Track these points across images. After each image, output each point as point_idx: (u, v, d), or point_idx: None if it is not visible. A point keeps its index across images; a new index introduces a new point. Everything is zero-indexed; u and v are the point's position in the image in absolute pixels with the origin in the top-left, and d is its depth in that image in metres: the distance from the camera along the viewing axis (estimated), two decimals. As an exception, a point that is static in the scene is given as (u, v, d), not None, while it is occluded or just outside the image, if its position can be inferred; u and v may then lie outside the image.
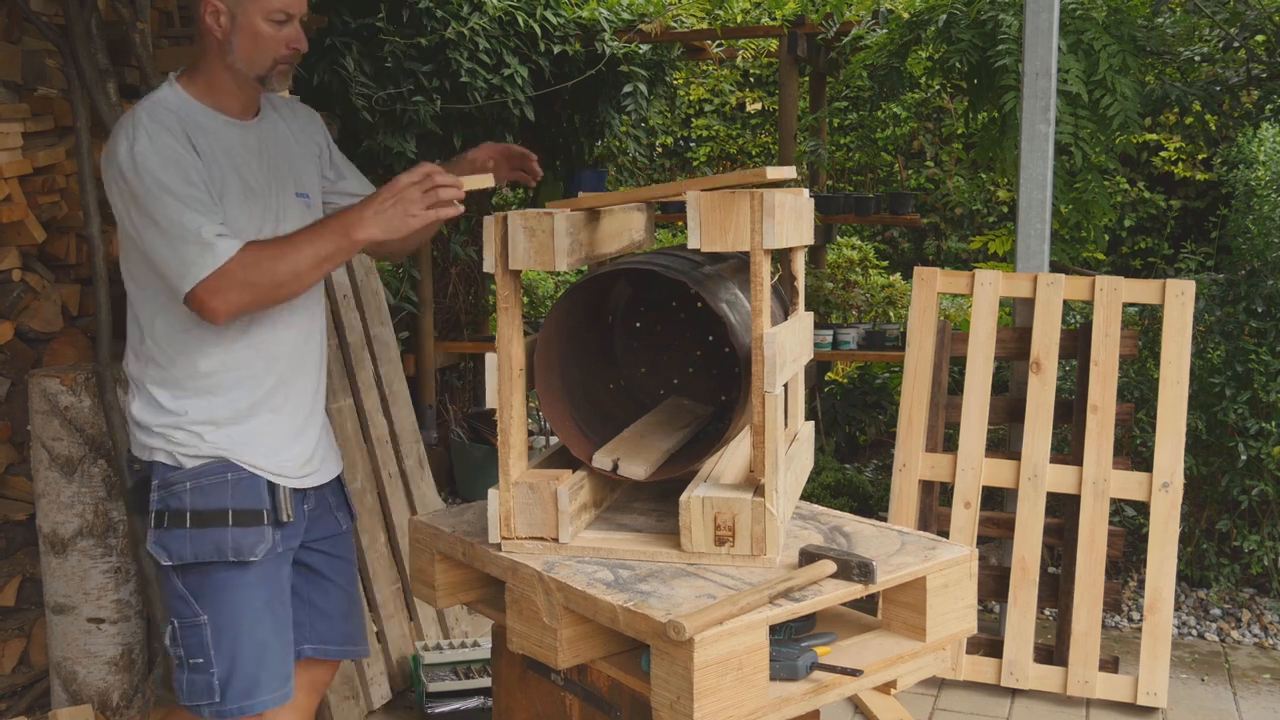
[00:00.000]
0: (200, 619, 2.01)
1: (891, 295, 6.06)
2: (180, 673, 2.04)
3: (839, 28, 4.95)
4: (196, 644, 2.01)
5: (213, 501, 2.02)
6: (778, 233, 1.73)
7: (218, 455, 2.03)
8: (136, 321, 2.05)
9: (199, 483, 2.02)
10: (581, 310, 2.07)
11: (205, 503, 2.01)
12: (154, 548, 2.01)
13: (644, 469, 1.89)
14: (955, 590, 1.84)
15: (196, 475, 2.02)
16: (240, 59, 2.01)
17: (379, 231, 1.91)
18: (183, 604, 2.02)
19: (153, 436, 2.03)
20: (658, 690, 1.61)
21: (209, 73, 2.05)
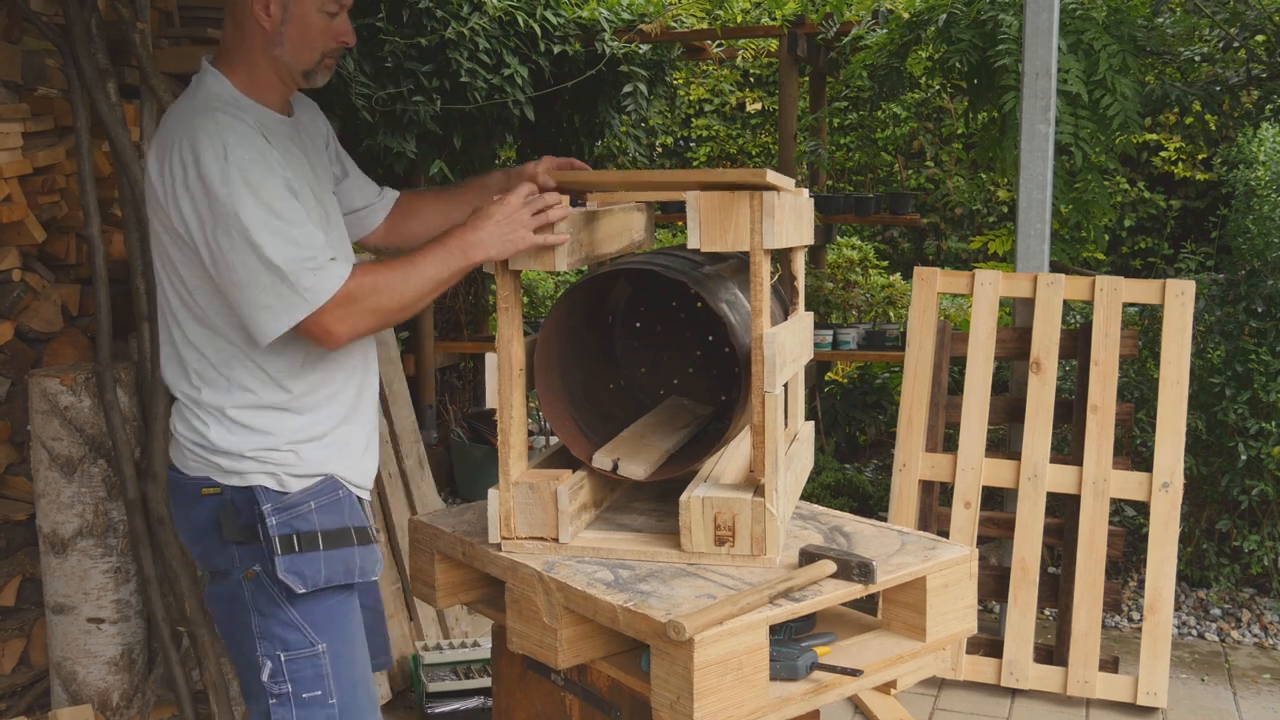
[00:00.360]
0: (317, 648, 1.85)
1: (891, 295, 6.06)
2: (284, 709, 1.85)
3: (839, 28, 4.95)
4: (313, 676, 1.85)
5: (337, 520, 1.89)
6: (777, 233, 1.73)
7: (324, 473, 1.90)
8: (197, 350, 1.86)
9: (320, 501, 1.88)
10: (581, 310, 2.07)
11: (331, 522, 1.88)
12: (288, 575, 1.82)
13: (644, 469, 1.89)
14: (955, 590, 1.84)
15: (314, 495, 1.88)
16: (289, 52, 1.87)
17: (496, 252, 1.80)
18: (295, 634, 1.85)
19: (243, 461, 1.85)
20: (658, 690, 1.61)
21: (251, 66, 1.88)
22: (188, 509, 1.90)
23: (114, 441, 2.84)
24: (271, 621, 1.84)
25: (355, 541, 1.89)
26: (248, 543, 1.84)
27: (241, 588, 1.85)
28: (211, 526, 1.87)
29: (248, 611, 1.85)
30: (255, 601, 1.85)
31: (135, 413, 2.93)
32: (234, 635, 1.89)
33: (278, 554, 1.82)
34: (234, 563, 1.86)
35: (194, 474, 1.88)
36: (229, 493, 1.85)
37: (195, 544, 1.92)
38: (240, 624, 1.86)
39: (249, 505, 1.85)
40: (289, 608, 1.84)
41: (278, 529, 1.83)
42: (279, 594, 1.84)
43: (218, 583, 1.90)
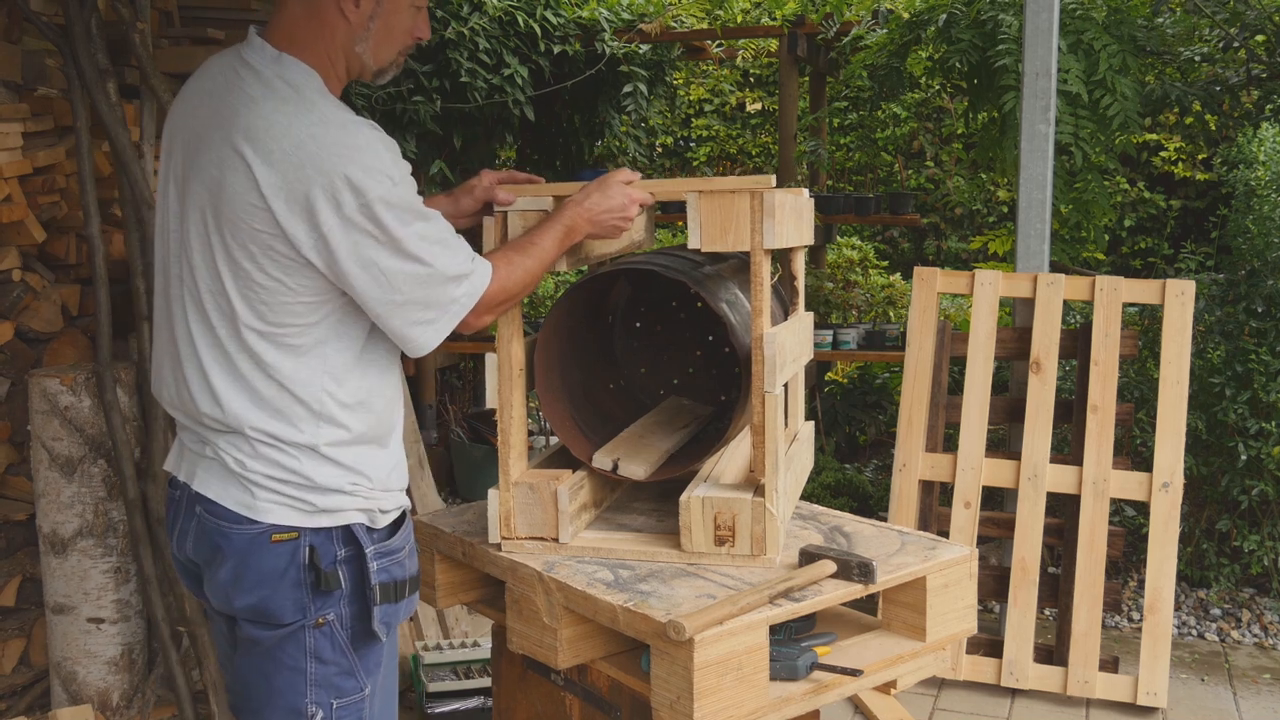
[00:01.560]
0: (365, 692, 1.75)
1: (891, 295, 6.06)
2: None
3: (839, 28, 4.95)
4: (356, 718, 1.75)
5: (416, 564, 1.80)
6: (778, 233, 1.73)
7: (401, 505, 1.78)
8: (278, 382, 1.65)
9: (411, 543, 1.79)
10: (581, 310, 2.07)
11: (415, 566, 1.79)
12: (380, 626, 1.71)
13: (644, 469, 1.89)
14: (955, 590, 1.84)
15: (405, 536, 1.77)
16: (371, 48, 1.72)
17: (597, 231, 1.81)
18: (350, 680, 1.72)
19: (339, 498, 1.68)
20: (658, 690, 1.61)
21: (331, 61, 1.69)
22: (245, 557, 1.66)
23: (114, 441, 2.84)
24: (332, 670, 1.70)
25: (419, 585, 1.82)
26: (328, 589, 1.67)
27: (304, 634, 1.68)
28: (284, 574, 1.66)
29: (305, 659, 1.69)
30: (318, 649, 1.69)
31: (135, 413, 2.93)
32: (275, 679, 1.70)
33: (376, 604, 1.69)
34: (306, 611, 1.67)
35: (268, 519, 1.65)
36: (307, 536, 1.67)
37: (249, 594, 1.68)
38: (291, 668, 1.69)
39: (330, 548, 1.68)
40: (351, 654, 1.72)
41: (378, 575, 1.69)
42: (345, 640, 1.70)
43: (264, 629, 1.69)
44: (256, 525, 1.66)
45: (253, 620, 1.69)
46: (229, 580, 1.68)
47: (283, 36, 1.67)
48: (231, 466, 1.67)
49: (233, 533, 1.67)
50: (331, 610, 1.68)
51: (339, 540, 1.68)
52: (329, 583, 1.66)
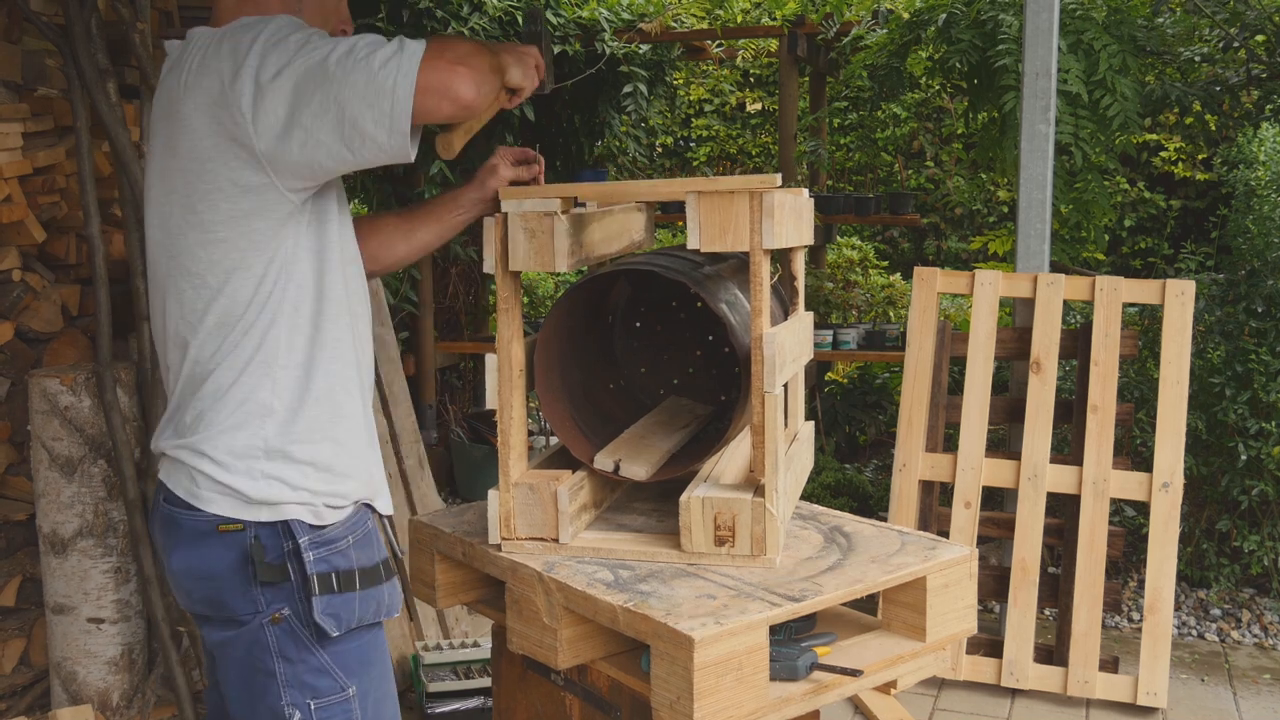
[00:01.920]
0: (348, 691, 1.72)
1: (891, 295, 6.06)
2: None
3: (839, 28, 4.96)
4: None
5: (370, 556, 1.75)
6: (777, 233, 1.73)
7: (357, 499, 1.76)
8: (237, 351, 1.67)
9: (357, 535, 1.75)
10: (581, 310, 2.07)
11: (366, 558, 1.74)
12: (323, 618, 1.67)
13: (645, 469, 1.89)
14: (955, 590, 1.84)
15: (350, 528, 1.74)
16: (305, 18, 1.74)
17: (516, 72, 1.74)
18: (325, 678, 1.70)
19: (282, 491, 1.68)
20: (658, 690, 1.61)
21: None
22: (194, 548, 1.68)
23: (114, 441, 2.84)
24: (301, 668, 1.69)
25: (384, 578, 1.77)
26: (276, 583, 1.67)
27: (264, 633, 1.68)
28: (232, 567, 1.67)
29: (272, 658, 1.68)
30: (282, 647, 1.68)
31: (135, 413, 2.93)
32: (251, 683, 1.71)
33: (315, 594, 1.66)
34: (259, 606, 1.67)
35: (210, 509, 1.67)
36: (252, 528, 1.66)
37: (203, 586, 1.70)
38: (261, 670, 1.69)
39: (277, 542, 1.67)
40: (319, 652, 1.69)
41: (315, 566, 1.67)
42: (309, 638, 1.69)
43: (229, 628, 1.70)
44: (199, 515, 1.67)
45: (210, 617, 1.71)
46: (178, 575, 1.71)
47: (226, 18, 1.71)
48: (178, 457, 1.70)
49: (172, 525, 1.70)
50: (286, 605, 1.67)
51: (284, 533, 1.67)
52: (272, 575, 1.66)
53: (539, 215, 1.78)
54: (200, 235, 1.65)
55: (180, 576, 1.71)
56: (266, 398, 1.67)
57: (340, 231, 1.77)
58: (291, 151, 1.57)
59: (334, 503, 1.72)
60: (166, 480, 1.73)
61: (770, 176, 1.72)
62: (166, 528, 1.72)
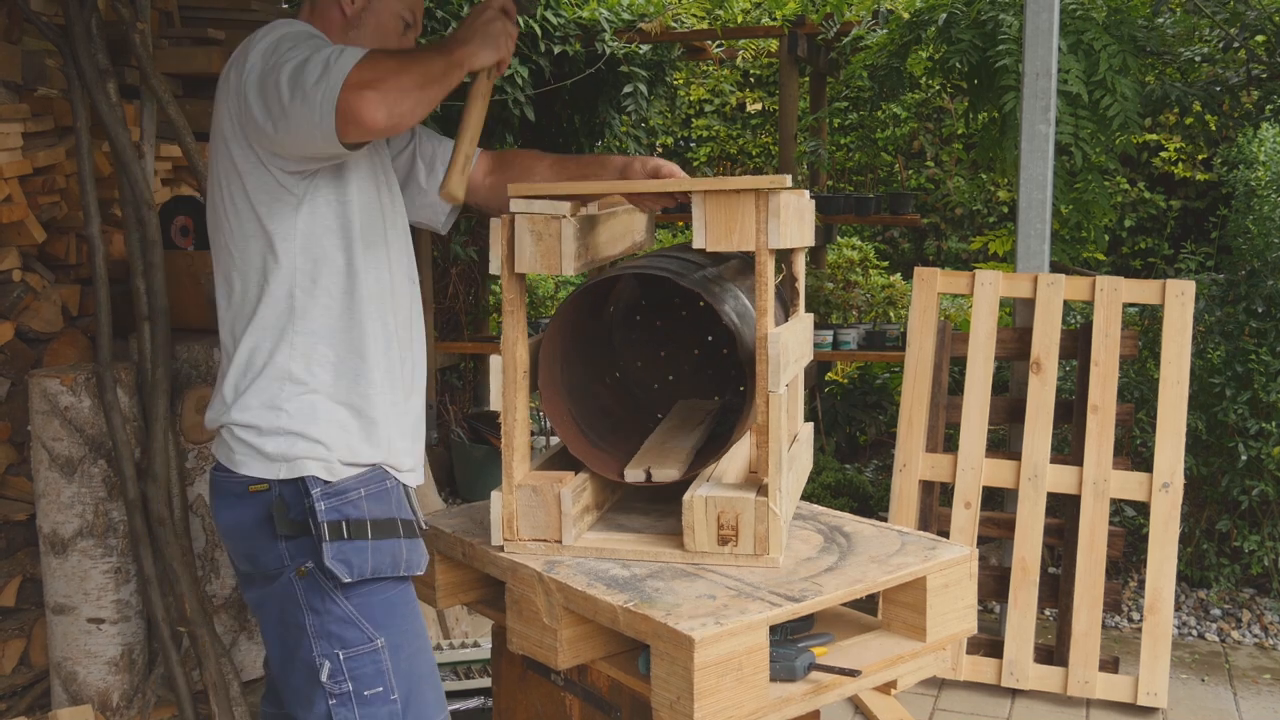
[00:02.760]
0: (376, 643, 1.79)
1: (892, 295, 6.06)
2: (345, 709, 1.78)
3: (839, 28, 4.96)
4: (374, 672, 1.79)
5: (385, 510, 1.83)
6: (783, 233, 1.73)
7: (374, 462, 1.84)
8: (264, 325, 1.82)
9: (370, 489, 1.83)
10: (586, 309, 2.08)
11: (379, 511, 1.82)
12: (334, 563, 1.75)
13: (676, 470, 1.90)
14: (955, 590, 1.84)
15: (364, 481, 1.82)
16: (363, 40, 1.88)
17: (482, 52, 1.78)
18: (352, 629, 1.78)
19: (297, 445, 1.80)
20: (658, 691, 1.61)
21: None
22: (233, 508, 1.83)
23: (114, 442, 2.84)
24: (327, 619, 1.78)
25: (401, 534, 1.83)
26: (298, 537, 1.78)
27: (294, 586, 1.79)
28: (261, 523, 1.80)
29: (301, 610, 1.79)
30: (309, 599, 1.78)
31: (135, 413, 2.93)
32: (285, 638, 1.81)
33: (325, 540, 1.75)
34: (285, 560, 1.79)
35: (242, 470, 1.81)
36: (277, 487, 1.79)
37: (242, 544, 1.84)
38: (293, 625, 1.79)
39: (298, 498, 1.78)
40: (344, 602, 1.78)
41: (326, 514, 1.77)
42: (332, 588, 1.77)
43: (265, 584, 1.82)
44: (235, 477, 1.82)
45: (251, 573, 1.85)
46: (226, 535, 1.87)
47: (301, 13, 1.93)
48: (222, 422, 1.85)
49: (219, 488, 1.87)
50: (310, 559, 1.78)
51: (303, 490, 1.78)
52: (292, 529, 1.78)
53: (547, 218, 1.78)
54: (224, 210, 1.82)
55: (224, 535, 1.88)
56: (294, 368, 1.81)
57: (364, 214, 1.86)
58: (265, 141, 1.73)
59: (349, 459, 1.81)
60: (215, 451, 1.89)
61: (780, 176, 1.72)
62: (213, 491, 1.90)
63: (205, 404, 3.02)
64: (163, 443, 2.88)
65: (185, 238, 3.29)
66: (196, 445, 3.03)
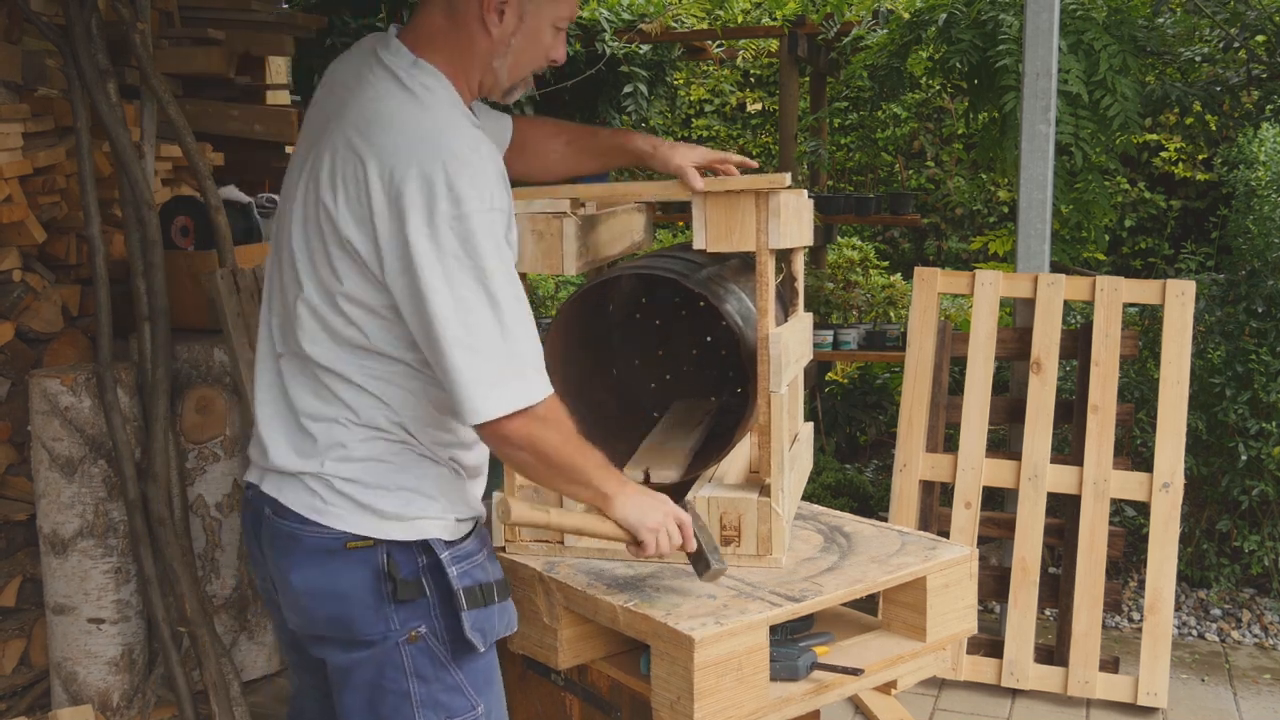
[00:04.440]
0: (477, 710, 1.66)
1: (892, 295, 6.06)
2: None
3: (839, 28, 4.96)
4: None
5: (498, 569, 1.70)
6: (783, 233, 1.73)
7: (477, 514, 1.71)
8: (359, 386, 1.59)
9: (488, 548, 1.70)
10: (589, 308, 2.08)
11: (495, 571, 1.69)
12: (473, 634, 1.61)
13: (675, 472, 1.90)
14: (955, 590, 1.84)
15: (483, 541, 1.69)
16: (509, 64, 1.65)
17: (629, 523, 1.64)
18: (459, 697, 1.64)
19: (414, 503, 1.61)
20: (658, 690, 1.61)
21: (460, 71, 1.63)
22: (320, 566, 1.60)
23: (114, 442, 2.84)
24: (436, 687, 1.62)
25: (509, 590, 1.72)
26: (412, 600, 1.59)
27: (398, 652, 1.60)
28: (363, 586, 1.59)
29: (406, 678, 1.61)
30: (417, 667, 1.61)
31: (135, 413, 2.93)
32: (379, 707, 1.63)
33: (464, 609, 1.60)
34: (392, 625, 1.59)
35: (339, 525, 1.58)
36: (384, 545, 1.59)
37: (328, 606, 1.61)
38: (393, 693, 1.62)
39: (411, 557, 1.60)
40: (455, 670, 1.63)
41: (460, 580, 1.61)
42: (446, 654, 1.62)
43: (356, 650, 1.62)
44: (326, 532, 1.59)
45: (335, 638, 1.63)
46: (304, 589, 1.61)
47: (422, 42, 1.62)
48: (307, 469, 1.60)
49: (292, 543, 1.61)
50: (422, 623, 1.61)
51: (418, 548, 1.60)
52: (409, 592, 1.59)
53: (548, 216, 1.78)
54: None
55: (302, 596, 1.62)
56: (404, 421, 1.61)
57: None
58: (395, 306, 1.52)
59: (463, 515, 1.67)
60: (275, 494, 1.63)
61: (778, 176, 1.72)
62: (281, 544, 1.62)
63: (205, 404, 3.02)
64: (163, 443, 2.88)
65: (185, 238, 3.29)
66: (196, 445, 3.03)
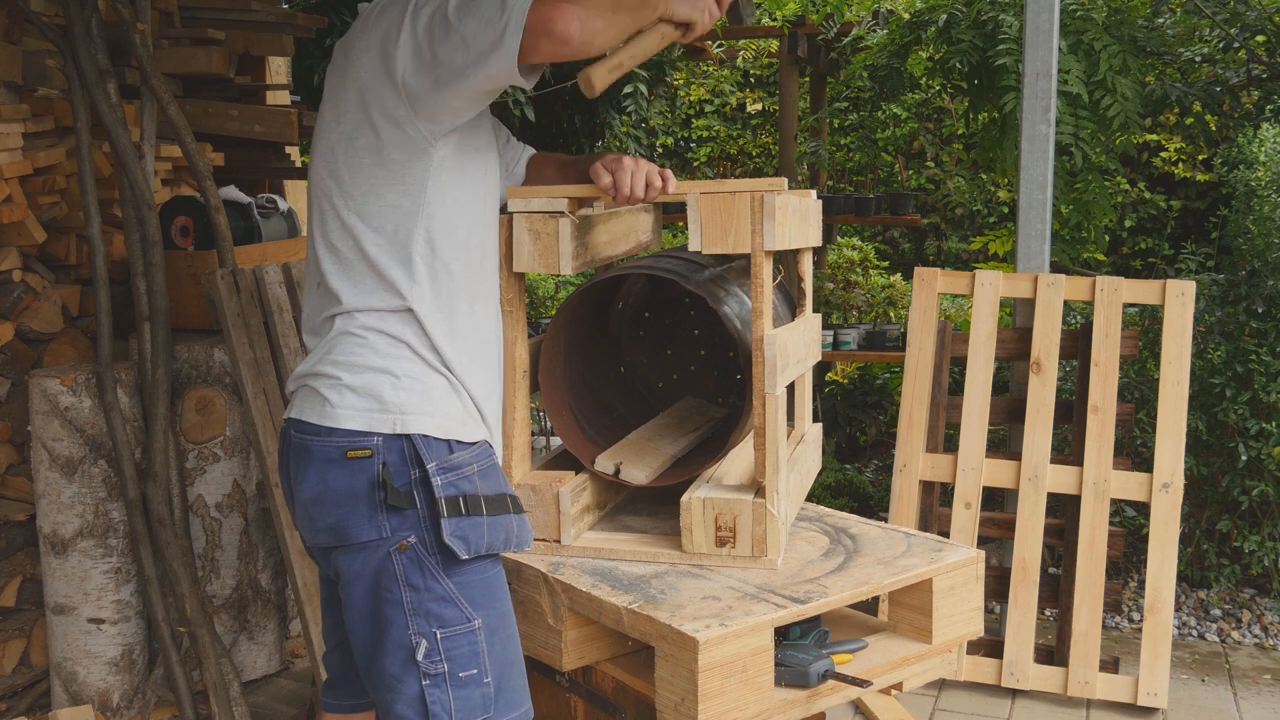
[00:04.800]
0: (474, 623, 1.70)
1: (892, 296, 6.06)
2: (439, 691, 1.68)
3: (839, 28, 4.96)
4: (470, 653, 1.70)
5: (496, 486, 1.75)
6: (779, 234, 1.73)
7: (483, 438, 1.76)
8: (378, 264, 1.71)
9: (482, 464, 1.74)
10: (590, 307, 2.07)
11: (491, 487, 1.74)
12: (453, 539, 1.67)
13: (645, 474, 1.89)
14: (961, 592, 1.84)
15: (477, 456, 1.74)
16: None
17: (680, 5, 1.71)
18: (451, 608, 1.69)
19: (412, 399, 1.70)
20: (662, 692, 1.61)
21: None
22: (322, 474, 1.71)
23: (114, 442, 2.84)
24: (426, 596, 1.68)
25: (512, 509, 1.75)
26: (402, 509, 1.68)
27: (391, 561, 1.68)
28: (359, 493, 1.69)
29: (399, 586, 1.69)
30: (408, 575, 1.68)
31: (135, 413, 2.92)
32: (378, 617, 1.71)
33: (444, 516, 1.67)
34: (385, 533, 1.68)
35: (343, 424, 1.69)
36: (381, 453, 1.68)
37: (328, 514, 1.71)
38: (388, 602, 1.69)
39: (404, 469, 1.69)
40: (445, 579, 1.69)
41: (443, 490, 1.68)
42: (435, 564, 1.69)
43: (354, 556, 1.71)
44: (331, 438, 1.69)
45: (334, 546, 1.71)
46: (309, 497, 1.71)
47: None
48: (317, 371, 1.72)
49: (301, 452, 1.72)
50: (412, 533, 1.68)
51: (411, 460, 1.68)
52: (399, 500, 1.67)
53: (544, 216, 1.78)
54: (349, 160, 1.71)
55: (308, 505, 1.72)
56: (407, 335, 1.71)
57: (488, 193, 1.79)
58: (424, 85, 1.63)
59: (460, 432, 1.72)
60: (299, 413, 1.75)
61: (777, 180, 1.72)
62: (297, 456, 1.74)
63: (205, 404, 3.02)
64: (163, 443, 2.88)
65: (185, 238, 3.29)
66: (196, 445, 3.03)
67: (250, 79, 3.94)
